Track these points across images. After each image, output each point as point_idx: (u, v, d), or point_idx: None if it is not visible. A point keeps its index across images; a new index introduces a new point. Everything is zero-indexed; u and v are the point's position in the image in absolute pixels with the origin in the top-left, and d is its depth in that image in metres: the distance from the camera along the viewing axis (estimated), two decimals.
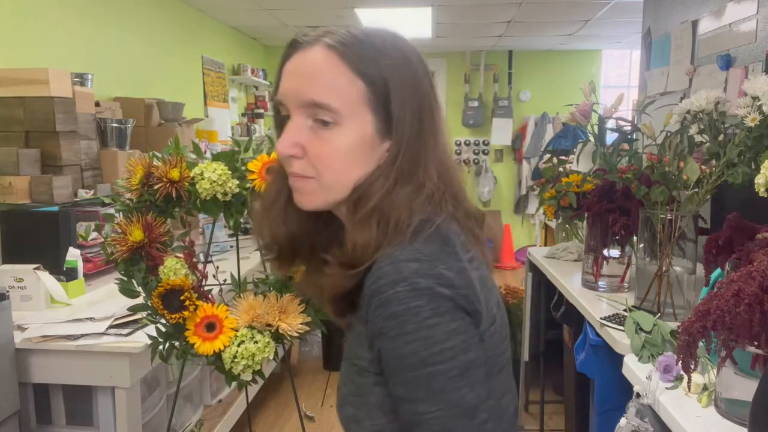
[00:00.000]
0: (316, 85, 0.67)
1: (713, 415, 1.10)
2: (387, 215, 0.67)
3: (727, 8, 2.36)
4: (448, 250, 0.66)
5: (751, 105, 1.38)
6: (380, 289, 0.63)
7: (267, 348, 1.29)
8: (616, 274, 1.87)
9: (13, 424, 1.65)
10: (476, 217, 0.75)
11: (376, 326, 0.63)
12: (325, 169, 0.69)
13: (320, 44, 0.69)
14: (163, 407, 2.05)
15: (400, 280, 0.62)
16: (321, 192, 0.70)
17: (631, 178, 1.58)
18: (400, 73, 0.69)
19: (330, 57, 0.68)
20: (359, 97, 0.68)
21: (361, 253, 0.66)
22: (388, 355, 0.63)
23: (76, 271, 2.11)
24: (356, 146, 0.69)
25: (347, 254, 0.67)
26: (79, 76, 2.61)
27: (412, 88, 0.70)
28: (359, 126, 0.68)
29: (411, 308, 0.61)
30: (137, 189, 1.33)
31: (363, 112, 0.68)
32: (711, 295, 0.93)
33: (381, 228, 0.67)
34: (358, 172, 0.69)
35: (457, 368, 0.62)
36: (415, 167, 0.70)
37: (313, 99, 0.67)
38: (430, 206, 0.69)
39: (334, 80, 0.67)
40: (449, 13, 4.48)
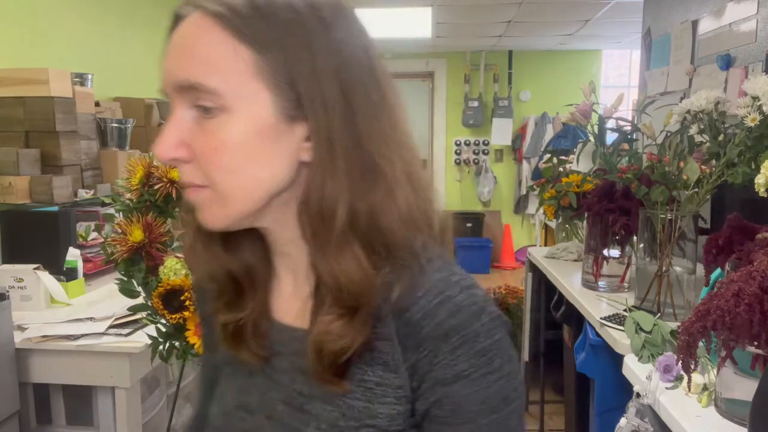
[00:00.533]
0: (189, 62, 0.51)
1: (713, 415, 1.10)
2: (369, 230, 0.53)
3: (727, 8, 2.36)
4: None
5: (751, 105, 1.38)
6: (463, 324, 0.51)
7: None
8: (616, 274, 1.87)
9: (13, 424, 1.65)
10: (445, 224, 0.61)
11: (451, 370, 0.51)
12: (216, 172, 0.52)
13: (197, 12, 0.52)
14: (163, 407, 2.05)
15: (481, 311, 0.52)
16: (219, 204, 0.53)
17: (631, 178, 1.58)
18: (309, 29, 0.51)
19: (205, 24, 0.51)
20: (248, 70, 0.50)
21: (354, 288, 0.52)
22: (464, 402, 0.52)
23: (76, 271, 2.11)
24: (252, 136, 0.51)
25: (341, 297, 0.52)
26: (79, 76, 2.60)
27: (328, 50, 0.52)
28: (252, 109, 0.51)
29: (496, 341, 0.53)
30: (137, 189, 1.33)
31: (255, 89, 0.51)
32: (711, 295, 0.93)
33: (367, 248, 0.53)
34: (262, 171, 0.52)
35: (523, 402, 0.56)
36: (371, 161, 0.53)
37: (187, 79, 0.51)
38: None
39: (210, 52, 0.50)
40: (449, 13, 4.48)
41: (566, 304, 2.00)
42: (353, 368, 0.54)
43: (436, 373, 0.52)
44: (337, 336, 0.52)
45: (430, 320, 0.52)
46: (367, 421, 0.54)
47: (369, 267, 0.52)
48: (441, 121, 6.44)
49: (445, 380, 0.52)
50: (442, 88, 6.38)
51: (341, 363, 0.53)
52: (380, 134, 0.54)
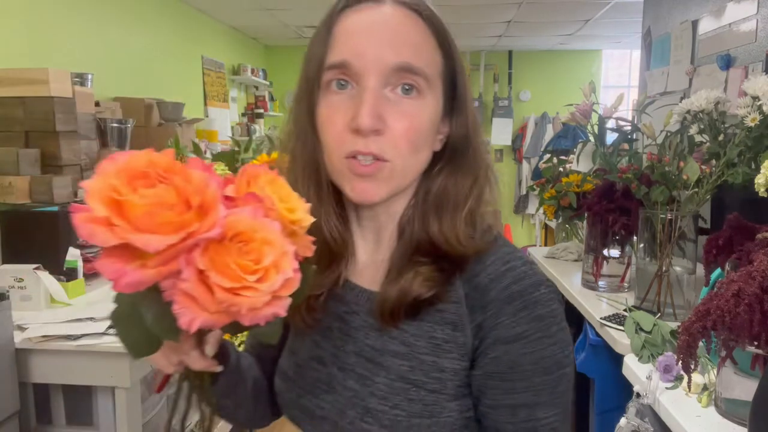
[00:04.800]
0: (408, 46, 0.58)
1: (713, 415, 1.10)
2: (472, 212, 0.63)
3: (727, 8, 2.36)
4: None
5: (751, 105, 1.38)
6: (526, 290, 0.58)
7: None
8: (616, 274, 1.87)
9: (13, 424, 1.65)
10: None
11: (512, 330, 0.58)
12: (405, 148, 0.58)
13: (394, 2, 0.59)
14: (163, 407, 2.05)
15: (541, 282, 0.60)
16: (392, 179, 0.59)
17: (631, 178, 1.58)
18: (459, 54, 0.63)
19: (414, 18, 0.59)
20: (437, 66, 0.60)
21: (461, 249, 0.61)
22: (521, 360, 0.58)
23: (76, 271, 2.11)
24: (432, 124, 0.61)
25: (445, 248, 0.61)
26: (79, 76, 2.60)
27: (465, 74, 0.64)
28: (435, 99, 0.61)
29: (553, 310, 0.59)
30: None
31: (438, 86, 0.61)
32: (711, 295, 0.93)
33: (472, 226, 0.63)
34: (425, 154, 0.62)
35: (573, 371, 0.62)
36: (481, 160, 0.65)
37: (408, 62, 0.57)
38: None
39: (423, 44, 0.59)
40: (449, 13, 4.47)
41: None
42: (424, 326, 0.61)
43: (498, 332, 0.58)
44: (425, 279, 0.60)
45: (497, 284, 0.59)
46: (433, 374, 0.60)
47: (472, 234, 0.62)
48: None
49: (505, 339, 0.58)
50: None
51: (416, 307, 0.60)
52: (481, 135, 0.66)
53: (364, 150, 0.58)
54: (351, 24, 0.59)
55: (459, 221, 0.62)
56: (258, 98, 5.58)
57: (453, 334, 0.60)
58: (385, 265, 0.64)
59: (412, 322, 0.61)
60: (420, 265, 0.61)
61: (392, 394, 0.61)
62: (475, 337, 0.60)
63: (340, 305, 0.66)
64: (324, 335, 0.67)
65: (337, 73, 0.59)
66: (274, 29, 5.19)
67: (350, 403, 0.63)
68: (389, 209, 0.65)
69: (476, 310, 0.59)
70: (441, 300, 0.61)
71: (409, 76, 0.58)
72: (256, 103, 5.53)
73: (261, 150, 1.37)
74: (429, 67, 0.59)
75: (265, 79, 5.62)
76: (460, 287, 0.61)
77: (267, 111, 5.59)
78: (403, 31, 0.58)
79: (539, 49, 6.34)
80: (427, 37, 0.60)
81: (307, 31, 5.24)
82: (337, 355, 0.65)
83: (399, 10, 0.59)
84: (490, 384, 0.59)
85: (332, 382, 0.65)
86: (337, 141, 0.59)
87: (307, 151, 0.63)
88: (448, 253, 0.61)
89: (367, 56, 0.57)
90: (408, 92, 0.58)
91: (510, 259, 0.61)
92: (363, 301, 0.65)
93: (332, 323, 0.66)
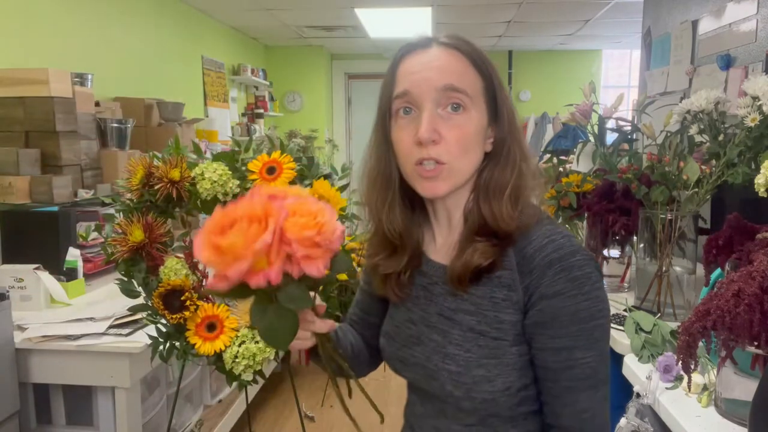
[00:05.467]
0: (451, 73, 0.78)
1: (713, 415, 1.10)
2: (516, 196, 0.80)
3: (727, 8, 2.36)
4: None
5: (751, 105, 1.38)
6: (563, 257, 0.75)
7: (268, 348, 1.29)
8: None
9: (13, 424, 1.65)
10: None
11: (552, 288, 0.75)
12: (457, 153, 0.77)
13: (438, 45, 0.80)
14: (163, 407, 2.05)
15: (576, 251, 0.76)
16: (450, 177, 0.79)
17: (631, 178, 1.58)
18: (497, 74, 0.83)
19: (455, 53, 0.79)
20: (479, 88, 0.80)
21: (505, 226, 0.78)
22: (560, 312, 0.74)
23: (76, 271, 2.11)
24: (478, 132, 0.79)
25: (494, 227, 0.79)
26: (79, 76, 2.60)
27: (504, 89, 0.83)
28: (479, 112, 0.79)
29: (587, 273, 0.75)
30: (137, 189, 1.33)
31: (480, 102, 0.80)
32: (711, 295, 0.93)
33: (514, 208, 0.79)
34: (475, 156, 0.80)
35: (607, 323, 0.78)
36: (524, 155, 0.83)
37: (452, 83, 0.77)
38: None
39: (464, 71, 0.79)
40: (449, 13, 4.48)
41: None
42: (485, 288, 0.79)
43: (541, 290, 0.75)
44: (482, 252, 0.78)
45: (540, 253, 0.76)
46: (495, 325, 0.78)
47: (515, 214, 0.79)
48: None
49: (547, 295, 0.75)
50: None
51: (477, 274, 0.79)
52: (521, 135, 0.84)
53: (427, 156, 0.77)
54: (408, 65, 0.80)
55: (503, 203, 0.79)
56: (258, 98, 5.58)
57: (508, 293, 0.78)
58: (456, 245, 0.83)
59: (477, 286, 0.80)
60: (477, 242, 0.79)
61: (465, 342, 0.79)
62: (525, 295, 0.77)
63: (424, 278, 0.87)
64: (413, 302, 0.87)
65: (402, 102, 0.79)
66: (274, 29, 5.19)
67: (434, 351, 0.82)
68: (455, 200, 0.84)
69: (525, 274, 0.77)
70: (498, 268, 0.78)
71: (454, 95, 0.77)
72: (256, 103, 5.53)
73: (261, 150, 1.37)
74: (470, 87, 0.78)
75: (265, 79, 5.62)
76: (513, 257, 0.78)
77: (267, 111, 5.59)
78: (447, 62, 0.78)
79: (539, 49, 6.34)
80: (466, 65, 0.79)
81: (307, 31, 5.24)
82: (423, 317, 0.85)
83: (443, 49, 0.80)
84: (537, 331, 0.76)
85: (421, 337, 0.85)
86: (407, 153, 0.79)
87: (383, 163, 0.85)
88: (497, 230, 0.79)
89: (422, 85, 0.77)
90: (456, 109, 0.77)
91: (551, 234, 0.77)
92: (440, 273, 0.84)
93: (419, 292, 0.87)
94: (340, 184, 1.37)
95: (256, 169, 1.32)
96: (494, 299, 0.79)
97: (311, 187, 1.31)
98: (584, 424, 0.77)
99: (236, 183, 1.31)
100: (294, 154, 1.34)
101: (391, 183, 0.85)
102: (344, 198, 1.33)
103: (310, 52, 6.07)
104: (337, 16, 4.62)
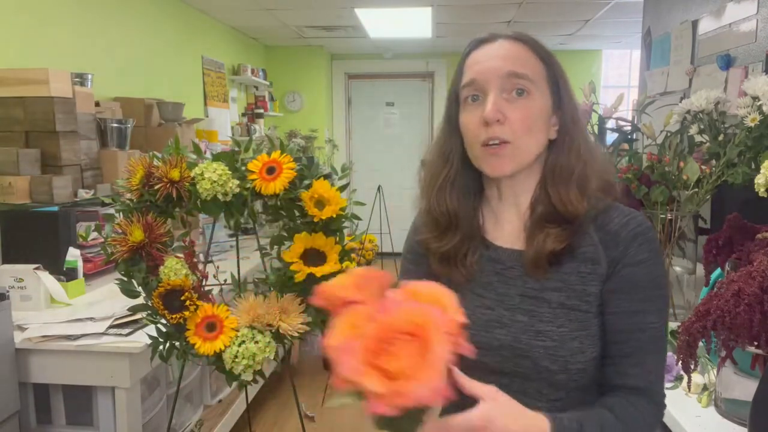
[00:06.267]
0: (514, 60, 0.84)
1: (713, 415, 1.10)
2: (583, 183, 0.86)
3: (727, 8, 2.36)
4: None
5: (751, 105, 1.38)
6: (645, 231, 0.84)
7: (268, 348, 1.29)
8: None
9: (13, 424, 1.65)
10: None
11: (636, 257, 0.82)
12: (521, 132, 0.83)
13: (503, 38, 0.87)
14: (163, 407, 2.05)
15: (650, 227, 0.85)
16: (515, 156, 0.84)
17: (631, 178, 1.58)
18: (560, 65, 0.89)
19: (518, 44, 0.86)
20: (542, 75, 0.86)
21: (573, 210, 0.84)
22: (643, 278, 0.82)
23: (76, 271, 2.11)
24: (541, 114, 0.85)
25: (563, 212, 0.85)
26: (79, 76, 2.60)
27: (566, 80, 0.89)
28: (543, 97, 0.85)
29: (658, 245, 0.85)
30: (137, 189, 1.33)
31: (544, 87, 0.86)
32: (711, 295, 0.93)
33: (582, 194, 0.85)
34: (538, 138, 0.85)
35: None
36: (588, 144, 0.89)
37: (515, 70, 0.83)
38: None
39: (527, 59, 0.85)
40: (449, 13, 4.48)
41: None
42: (572, 265, 0.85)
43: (626, 260, 0.82)
44: (555, 237, 0.84)
45: (625, 228, 0.84)
46: (585, 298, 0.83)
47: (582, 199, 0.85)
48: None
49: (632, 263, 0.82)
50: (442, 88, 6.37)
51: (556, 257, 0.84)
52: (584, 126, 0.91)
53: (492, 135, 0.83)
54: (475, 56, 0.87)
55: (571, 188, 0.85)
56: (258, 98, 5.58)
57: (593, 267, 0.84)
58: (524, 230, 0.88)
59: (561, 264, 0.85)
60: (548, 227, 0.85)
61: (555, 318, 0.83)
62: (609, 267, 0.83)
63: (496, 264, 0.90)
64: (485, 288, 0.89)
65: (470, 90, 0.86)
66: (274, 29, 5.19)
67: (521, 331, 0.85)
68: (522, 184, 0.89)
69: (610, 248, 0.84)
70: (579, 246, 0.84)
71: (517, 80, 0.83)
72: (256, 103, 5.52)
73: (261, 150, 1.37)
74: (533, 73, 0.84)
75: (265, 79, 5.62)
76: (593, 234, 0.85)
77: (267, 111, 5.58)
78: (510, 51, 0.85)
79: None
80: (529, 54, 0.86)
81: (307, 31, 5.24)
82: (500, 300, 0.88)
83: (507, 41, 0.86)
84: (614, 297, 0.83)
85: (502, 320, 0.86)
86: (474, 134, 0.85)
87: (443, 146, 0.92)
88: (566, 215, 0.85)
89: (488, 72, 0.84)
90: (520, 94, 0.83)
91: (628, 212, 0.86)
92: (515, 257, 0.88)
93: (490, 278, 0.89)
94: (340, 184, 1.37)
95: (256, 169, 1.32)
96: (581, 273, 0.84)
97: (311, 187, 1.31)
98: (650, 385, 0.82)
99: (236, 183, 1.31)
100: (294, 154, 1.34)
101: (447, 165, 0.91)
102: (344, 198, 1.33)
103: (310, 52, 6.07)
104: (337, 16, 4.61)
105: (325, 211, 1.29)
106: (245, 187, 1.33)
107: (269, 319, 1.30)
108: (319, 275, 1.29)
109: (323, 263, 1.32)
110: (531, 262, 0.85)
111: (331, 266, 1.31)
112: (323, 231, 1.32)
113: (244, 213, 1.36)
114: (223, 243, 3.02)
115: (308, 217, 1.30)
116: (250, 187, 1.32)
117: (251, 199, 1.33)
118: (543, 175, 0.89)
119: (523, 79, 0.83)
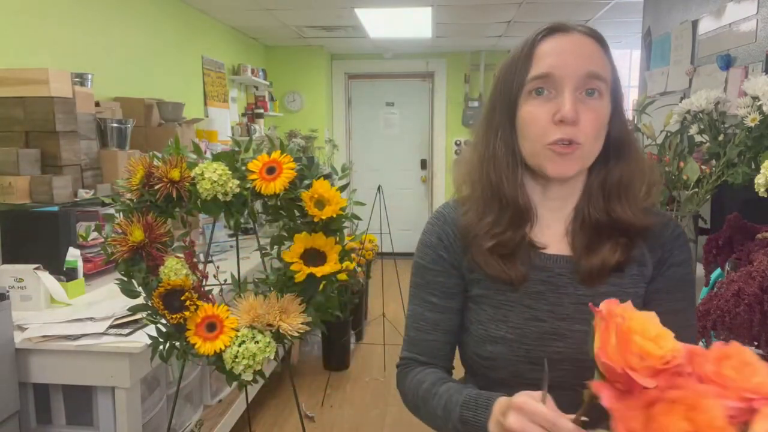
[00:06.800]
0: (596, 60, 0.81)
1: None
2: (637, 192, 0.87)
3: (727, 8, 2.36)
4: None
5: (751, 105, 1.38)
6: (682, 233, 0.89)
7: (268, 348, 1.29)
8: None
9: (13, 424, 1.65)
10: None
11: (679, 257, 0.86)
12: (591, 135, 0.81)
13: (578, 32, 0.83)
14: (163, 407, 2.05)
15: (682, 227, 0.90)
16: (582, 159, 0.82)
17: None
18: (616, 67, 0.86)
19: (594, 42, 0.83)
20: (609, 77, 0.83)
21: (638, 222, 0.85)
22: (684, 277, 0.86)
23: (76, 271, 2.11)
24: (606, 118, 0.83)
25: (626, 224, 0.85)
26: (79, 76, 2.60)
27: (621, 86, 0.87)
28: (608, 104, 0.83)
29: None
30: (137, 189, 1.33)
31: (607, 92, 0.83)
32: (711, 295, 0.93)
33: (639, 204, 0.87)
34: (601, 143, 0.84)
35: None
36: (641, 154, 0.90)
37: (596, 71, 0.80)
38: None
39: (603, 61, 0.82)
40: (449, 13, 4.48)
41: None
42: (629, 268, 0.85)
43: (671, 260, 0.86)
44: (623, 248, 0.84)
45: (667, 230, 0.88)
46: (636, 300, 0.82)
47: (643, 212, 0.86)
48: (441, 121, 6.44)
49: (675, 263, 0.86)
50: (442, 88, 6.38)
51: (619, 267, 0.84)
52: (634, 135, 0.91)
53: (565, 137, 0.79)
54: (549, 47, 0.82)
55: (634, 202, 0.86)
56: (258, 98, 5.58)
57: (640, 269, 0.86)
58: (568, 237, 0.87)
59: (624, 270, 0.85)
60: (614, 238, 0.84)
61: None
62: (654, 269, 0.86)
63: (542, 272, 0.86)
64: (533, 299, 0.86)
65: (539, 83, 0.81)
66: (274, 29, 5.19)
67: (584, 341, 0.80)
68: (572, 188, 0.88)
69: (655, 250, 0.86)
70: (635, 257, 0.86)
71: (594, 81, 0.81)
72: (256, 103, 5.52)
73: (261, 150, 1.37)
74: (606, 77, 0.82)
75: (265, 79, 5.62)
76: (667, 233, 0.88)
77: (267, 111, 5.58)
78: (589, 49, 0.82)
79: None
80: (602, 54, 0.83)
81: (307, 31, 5.24)
82: (552, 311, 0.85)
83: (583, 36, 0.83)
84: (658, 296, 0.85)
85: (558, 331, 0.84)
86: (541, 132, 0.81)
87: (505, 142, 0.86)
88: (629, 227, 0.85)
89: (566, 68, 0.80)
90: (591, 95, 0.81)
91: (663, 214, 0.90)
92: (563, 264, 0.86)
93: (539, 287, 0.86)
94: (340, 184, 1.37)
95: (256, 169, 1.32)
96: (633, 276, 0.86)
97: (311, 187, 1.31)
98: None
99: (236, 183, 1.31)
100: (294, 154, 1.34)
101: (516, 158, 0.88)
102: (344, 198, 1.33)
103: (310, 52, 6.07)
104: (337, 16, 4.61)
105: (325, 211, 1.28)
106: (245, 187, 1.33)
107: (269, 319, 1.30)
108: (320, 275, 1.29)
109: (323, 263, 1.32)
110: (594, 272, 0.83)
111: (331, 266, 1.31)
112: (323, 231, 1.32)
113: (244, 213, 1.36)
114: (223, 243, 3.02)
115: (308, 217, 1.30)
116: (250, 187, 1.32)
117: (251, 199, 1.33)
118: (591, 182, 0.87)
119: (600, 81, 0.81)
